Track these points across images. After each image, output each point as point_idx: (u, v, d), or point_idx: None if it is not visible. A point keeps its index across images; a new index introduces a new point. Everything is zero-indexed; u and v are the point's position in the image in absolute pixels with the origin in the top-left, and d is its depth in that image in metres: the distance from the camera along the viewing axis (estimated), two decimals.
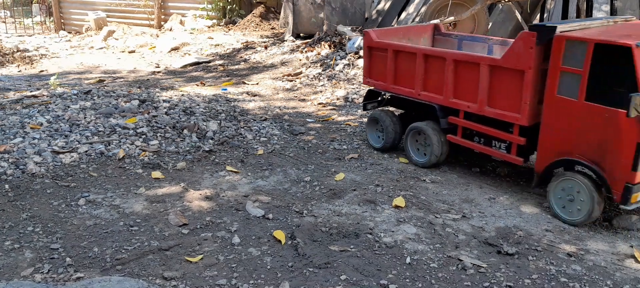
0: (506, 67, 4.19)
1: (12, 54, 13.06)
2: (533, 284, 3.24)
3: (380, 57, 5.25)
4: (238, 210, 4.18)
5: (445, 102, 4.71)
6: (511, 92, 4.20)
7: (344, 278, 3.27)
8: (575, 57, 3.73)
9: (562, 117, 3.89)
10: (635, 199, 3.63)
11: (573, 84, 3.75)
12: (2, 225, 3.88)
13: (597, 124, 3.67)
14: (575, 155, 3.86)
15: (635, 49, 3.44)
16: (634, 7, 10.31)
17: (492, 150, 4.52)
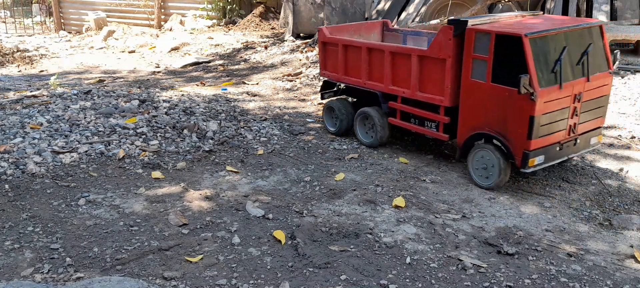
0: (431, 56, 4.82)
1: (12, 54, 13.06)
2: (533, 284, 3.24)
3: (333, 51, 5.84)
4: (238, 210, 4.18)
5: (386, 89, 5.33)
6: (436, 78, 4.83)
7: (344, 278, 3.27)
8: (482, 46, 4.37)
9: (475, 97, 4.52)
10: (532, 163, 4.29)
11: (482, 69, 4.40)
12: (2, 225, 3.88)
13: (501, 102, 4.31)
14: (486, 129, 4.50)
15: (524, 38, 4.08)
16: (634, 6, 10.30)
17: (425, 130, 5.14)
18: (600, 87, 4.54)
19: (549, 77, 4.17)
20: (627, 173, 4.91)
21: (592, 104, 4.53)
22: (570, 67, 4.32)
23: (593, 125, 4.66)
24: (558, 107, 4.26)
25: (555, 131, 4.34)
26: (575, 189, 4.61)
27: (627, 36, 8.85)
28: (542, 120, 4.18)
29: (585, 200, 4.40)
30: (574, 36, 4.39)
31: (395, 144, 5.78)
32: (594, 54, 4.46)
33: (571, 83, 4.29)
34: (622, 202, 4.35)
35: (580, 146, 4.60)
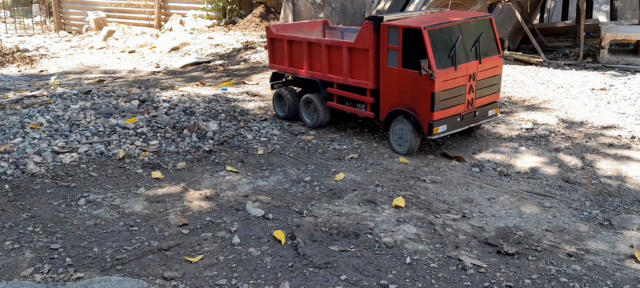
0: (357, 47, 5.56)
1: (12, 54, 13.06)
2: (533, 284, 3.24)
3: (279, 46, 6.52)
4: (238, 210, 4.18)
5: (324, 77, 6.04)
6: (362, 66, 5.58)
7: (344, 278, 3.27)
8: (394, 38, 5.16)
9: (391, 80, 5.33)
10: (436, 131, 5.12)
11: (394, 57, 5.21)
12: (2, 225, 3.88)
13: (410, 83, 5.13)
14: (401, 106, 5.30)
15: (423, 30, 4.90)
16: (634, 6, 10.30)
17: (356, 110, 5.87)
18: (492, 68, 5.42)
19: (445, 60, 5.00)
20: (627, 173, 4.92)
21: (486, 82, 5.41)
22: (465, 53, 5.17)
23: (489, 100, 5.53)
24: (455, 85, 5.10)
25: (455, 105, 5.18)
26: (575, 189, 4.61)
27: (627, 36, 8.85)
28: (442, 96, 5.01)
29: (585, 200, 4.40)
30: (467, 28, 5.23)
31: None
32: (485, 42, 5.32)
33: (465, 65, 5.13)
34: (622, 202, 4.35)
35: (479, 117, 5.49)
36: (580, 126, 6.20)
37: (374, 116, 5.71)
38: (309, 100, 6.27)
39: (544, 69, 8.64)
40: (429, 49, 4.87)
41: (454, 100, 5.14)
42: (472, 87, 5.23)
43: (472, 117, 5.39)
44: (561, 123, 6.32)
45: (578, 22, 9.97)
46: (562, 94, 7.41)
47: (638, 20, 9.93)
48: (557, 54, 9.94)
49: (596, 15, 10.57)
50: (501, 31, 9.98)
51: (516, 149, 5.57)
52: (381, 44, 5.30)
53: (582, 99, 7.18)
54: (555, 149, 5.54)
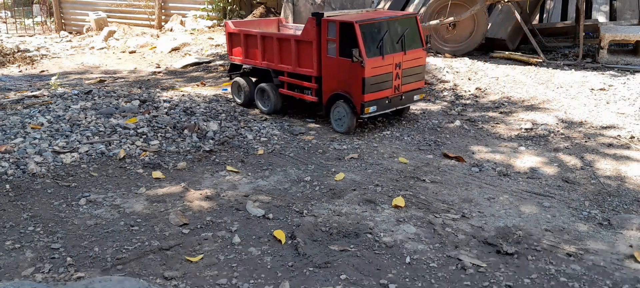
0: (303, 40, 6.23)
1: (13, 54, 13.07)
2: (532, 284, 3.25)
3: (237, 40, 7.20)
4: (238, 210, 4.19)
5: (276, 67, 6.71)
6: (308, 56, 6.24)
7: (344, 277, 3.28)
8: (332, 31, 5.88)
9: (331, 68, 6.05)
10: (367, 111, 5.87)
11: (333, 48, 5.93)
12: (3, 225, 3.89)
13: (346, 70, 5.84)
14: (339, 90, 6.02)
15: (355, 24, 5.63)
16: (633, 7, 10.31)
17: (304, 96, 6.50)
18: (416, 59, 6.22)
19: (375, 50, 5.77)
20: (626, 173, 4.93)
21: (411, 71, 6.19)
22: (391, 44, 5.94)
23: (414, 86, 6.32)
24: (383, 71, 5.88)
25: (384, 89, 5.95)
26: (574, 189, 4.62)
27: (626, 36, 8.86)
28: (371, 81, 5.78)
29: (585, 200, 4.41)
30: (394, 24, 6.00)
31: (395, 143, 5.80)
32: (410, 36, 6.11)
33: (392, 55, 5.91)
34: (621, 202, 4.36)
35: (405, 101, 6.27)
36: (579, 126, 6.21)
37: (317, 100, 6.36)
38: (262, 88, 6.94)
39: (544, 69, 8.65)
40: (360, 41, 5.64)
41: (383, 85, 5.95)
42: (398, 74, 6.06)
43: (399, 100, 6.19)
44: (560, 123, 6.33)
45: (577, 23, 9.98)
46: (562, 94, 7.42)
47: (637, 21, 9.93)
48: (556, 54, 9.95)
49: (595, 16, 10.57)
50: (501, 31, 9.99)
51: (516, 149, 5.58)
52: (322, 36, 6.02)
53: (582, 99, 7.19)
54: (555, 149, 5.55)
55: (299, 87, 6.53)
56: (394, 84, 6.02)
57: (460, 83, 8.14)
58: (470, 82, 8.20)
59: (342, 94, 5.98)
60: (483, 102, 7.38)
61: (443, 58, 9.35)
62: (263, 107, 7.02)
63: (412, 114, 6.91)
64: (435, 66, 8.25)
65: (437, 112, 6.99)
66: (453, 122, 6.54)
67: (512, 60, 9.36)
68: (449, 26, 9.74)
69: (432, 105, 7.36)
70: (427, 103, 7.46)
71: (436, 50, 9.94)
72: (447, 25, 9.73)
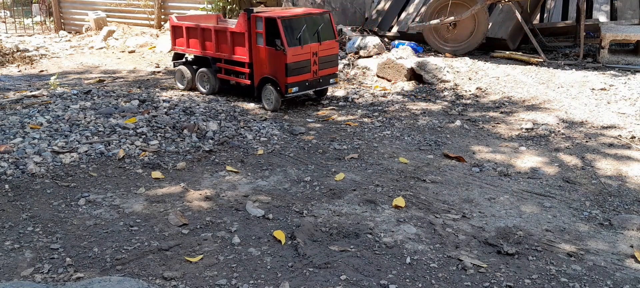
0: (237, 32, 7.38)
1: (12, 54, 13.06)
2: (533, 284, 3.24)
3: (180, 32, 8.33)
4: (238, 210, 4.18)
5: (214, 55, 7.86)
6: (241, 45, 7.41)
7: (344, 278, 3.27)
8: (260, 25, 7.01)
9: (260, 56, 7.18)
10: (290, 91, 6.96)
11: (261, 38, 7.06)
12: (2, 225, 3.88)
13: (272, 57, 6.99)
14: (267, 74, 7.13)
15: (278, 19, 6.73)
16: (634, 6, 10.30)
17: (239, 79, 7.62)
18: (330, 49, 7.34)
19: (295, 41, 6.86)
20: (627, 173, 4.92)
21: (325, 58, 7.30)
22: (309, 36, 7.07)
23: (329, 71, 7.42)
24: (302, 58, 7.00)
25: (303, 73, 7.05)
26: (575, 189, 4.61)
27: (627, 36, 8.84)
28: (293, 66, 6.89)
29: (585, 200, 4.40)
30: (311, 19, 7.15)
31: (395, 143, 5.79)
32: (324, 30, 7.26)
33: (309, 45, 7.02)
34: (622, 202, 4.35)
35: (322, 83, 7.39)
36: (580, 126, 6.20)
37: (250, 83, 7.49)
38: (203, 73, 8.11)
39: (544, 69, 8.64)
40: (282, 33, 6.75)
41: (302, 70, 7.04)
42: (315, 61, 7.18)
43: (318, 82, 7.32)
44: (561, 123, 6.32)
45: (578, 22, 9.97)
46: (562, 94, 7.41)
47: (638, 20, 9.92)
48: (557, 54, 9.94)
49: (596, 15, 10.56)
50: (501, 31, 9.97)
51: (516, 149, 5.57)
52: (252, 29, 7.14)
53: (582, 98, 7.18)
54: (555, 149, 5.54)
55: (235, 72, 7.69)
56: (312, 69, 7.18)
57: (460, 83, 8.13)
58: (471, 81, 8.18)
59: (270, 77, 7.11)
60: (484, 102, 7.37)
61: (443, 58, 9.34)
62: (203, 89, 8.21)
63: (412, 113, 6.90)
64: (435, 66, 8.24)
65: (437, 112, 6.98)
66: (453, 122, 6.53)
67: (513, 60, 9.35)
68: (449, 26, 9.73)
69: (432, 105, 7.35)
70: (428, 103, 7.45)
71: (436, 50, 9.92)
72: (447, 25, 9.72)
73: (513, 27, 9.94)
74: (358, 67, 9.27)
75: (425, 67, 8.27)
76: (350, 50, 9.95)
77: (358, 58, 9.62)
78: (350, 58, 9.68)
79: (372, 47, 9.58)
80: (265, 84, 7.22)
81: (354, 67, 9.32)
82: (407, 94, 7.89)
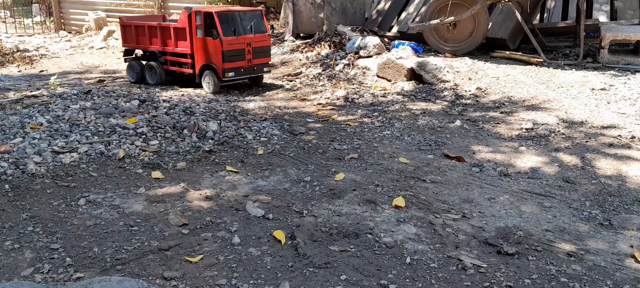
0: (180, 27, 8.65)
1: (12, 54, 13.06)
2: (533, 284, 3.24)
3: (129, 30, 9.56)
4: (238, 210, 4.18)
5: (160, 49, 9.12)
6: (183, 38, 8.67)
7: (344, 278, 3.27)
8: (199, 19, 8.29)
9: (200, 46, 8.42)
10: (227, 76, 8.26)
11: (200, 31, 8.34)
12: (2, 225, 3.88)
13: (211, 47, 8.26)
14: (207, 62, 8.35)
15: (214, 13, 8.06)
16: (634, 6, 10.30)
17: (183, 69, 8.91)
18: (262, 41, 8.68)
19: (230, 32, 8.20)
20: (627, 173, 4.92)
21: (259, 49, 8.63)
22: (244, 29, 8.42)
23: (263, 61, 8.75)
24: (237, 48, 8.31)
25: (239, 60, 8.37)
26: (575, 189, 4.61)
27: (627, 36, 8.84)
28: (228, 53, 8.19)
29: (585, 200, 4.40)
30: (245, 14, 8.53)
31: (395, 143, 5.79)
32: (257, 24, 8.60)
33: (244, 37, 8.38)
34: (622, 202, 4.35)
35: (257, 71, 8.69)
36: (580, 126, 6.20)
37: (192, 72, 8.71)
38: (150, 66, 9.33)
39: (544, 69, 8.64)
40: (218, 24, 8.07)
41: (238, 58, 8.36)
42: (249, 50, 8.49)
43: (252, 69, 8.63)
44: (561, 123, 6.32)
45: (578, 22, 9.97)
46: (562, 94, 7.41)
47: (638, 20, 9.92)
48: (557, 54, 9.94)
49: (596, 15, 10.56)
50: (501, 31, 9.97)
51: (516, 149, 5.57)
52: (192, 23, 8.41)
53: (582, 98, 7.18)
54: (555, 149, 5.54)
55: (179, 63, 8.97)
56: (247, 58, 8.47)
57: (460, 83, 8.13)
58: (471, 81, 8.19)
59: (209, 64, 8.35)
60: (484, 101, 7.37)
61: (443, 58, 9.34)
62: (151, 81, 9.38)
63: (412, 113, 6.91)
64: (435, 66, 8.24)
65: (437, 112, 6.98)
66: (453, 122, 6.53)
67: (513, 60, 9.35)
68: (449, 26, 9.73)
69: (432, 105, 7.35)
70: (428, 103, 7.45)
71: (437, 50, 9.92)
72: (447, 25, 9.72)
73: (513, 27, 9.94)
74: (358, 67, 9.27)
75: (425, 67, 8.27)
76: (350, 50, 9.95)
77: (358, 58, 9.62)
78: (350, 58, 9.67)
79: (372, 47, 9.58)
80: (205, 71, 8.43)
81: (354, 67, 9.32)
82: (407, 94, 7.89)
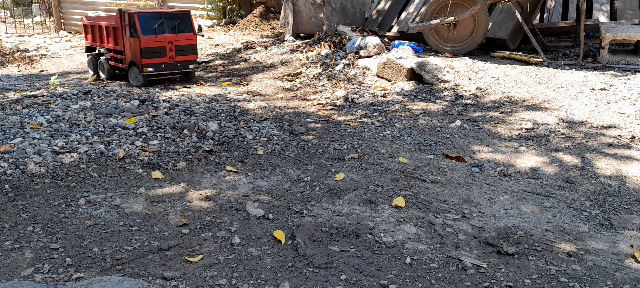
0: (115, 26, 9.52)
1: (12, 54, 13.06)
2: (533, 284, 3.24)
3: (88, 29, 10.64)
4: (238, 210, 4.18)
5: (106, 46, 10.09)
6: (118, 37, 9.53)
7: (344, 278, 3.27)
8: (126, 19, 9.07)
9: (128, 43, 9.28)
10: (146, 70, 9.08)
11: (127, 30, 9.14)
12: (2, 225, 3.88)
13: (134, 45, 9.09)
14: (132, 58, 9.22)
15: (134, 14, 8.93)
16: (634, 7, 10.30)
17: (121, 65, 9.72)
18: (187, 39, 9.43)
19: (150, 31, 9.03)
20: (627, 173, 4.92)
21: (183, 47, 9.42)
22: (166, 28, 9.23)
23: (188, 58, 9.50)
24: (156, 45, 9.11)
25: (159, 57, 9.17)
26: (575, 189, 4.61)
27: (627, 36, 8.85)
28: (147, 50, 9.03)
29: (585, 200, 4.40)
30: (169, 16, 9.35)
31: (395, 143, 5.79)
32: (182, 24, 9.38)
33: (165, 35, 9.17)
34: (622, 202, 4.35)
35: (180, 68, 9.47)
36: (580, 126, 6.20)
37: (125, 67, 9.56)
38: (101, 61, 10.37)
39: (544, 69, 8.64)
40: (137, 24, 8.94)
41: (158, 55, 9.14)
42: (171, 48, 9.24)
43: (175, 66, 9.40)
44: (561, 123, 6.32)
45: (578, 22, 9.97)
46: (562, 94, 7.41)
47: (638, 20, 9.92)
48: (557, 54, 9.94)
49: (596, 15, 10.56)
50: (501, 31, 9.97)
51: (516, 149, 5.57)
52: (122, 22, 9.21)
53: (582, 98, 7.18)
54: (555, 149, 5.54)
55: (119, 59, 9.79)
56: (168, 55, 9.25)
57: (460, 83, 8.13)
58: (471, 81, 8.19)
59: (133, 60, 9.24)
60: (484, 101, 7.37)
61: (443, 58, 9.34)
62: (103, 75, 10.37)
63: (412, 113, 6.91)
64: (435, 66, 8.24)
65: (437, 112, 6.98)
66: (453, 122, 6.53)
67: (513, 60, 9.35)
68: (449, 26, 9.73)
69: (432, 105, 7.35)
70: (428, 103, 7.45)
71: (437, 50, 9.92)
72: (447, 25, 9.72)
73: (513, 27, 9.94)
74: (358, 67, 9.27)
75: (425, 67, 8.27)
76: (350, 50, 9.95)
77: (358, 58, 9.62)
78: (350, 58, 9.68)
79: (372, 47, 9.58)
80: (131, 66, 9.40)
81: (354, 67, 9.32)
82: (407, 94, 7.89)
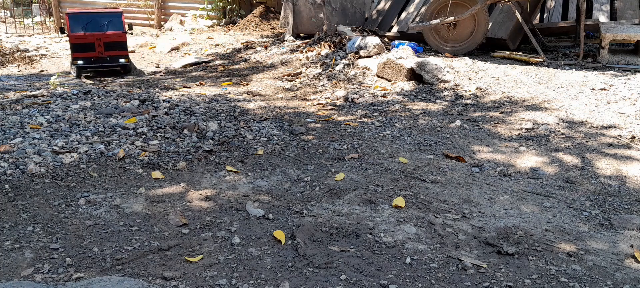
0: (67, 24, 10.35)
1: (12, 54, 13.06)
2: (533, 284, 3.24)
3: None
4: (238, 210, 4.18)
5: None
6: None
7: (344, 278, 3.27)
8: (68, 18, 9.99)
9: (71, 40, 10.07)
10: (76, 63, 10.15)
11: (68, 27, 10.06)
12: (2, 225, 3.88)
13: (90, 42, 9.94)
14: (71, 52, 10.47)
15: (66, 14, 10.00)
16: (634, 6, 10.30)
17: None
18: (116, 36, 10.21)
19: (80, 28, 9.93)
20: (627, 173, 4.92)
21: (112, 44, 10.17)
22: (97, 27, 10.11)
23: (117, 53, 10.24)
24: (86, 42, 10.02)
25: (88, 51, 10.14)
26: (575, 189, 4.61)
27: (627, 36, 8.85)
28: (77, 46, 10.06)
29: (585, 200, 4.40)
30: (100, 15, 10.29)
31: (395, 143, 5.79)
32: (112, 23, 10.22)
33: (93, 33, 10.05)
34: (622, 202, 4.35)
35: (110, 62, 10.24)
36: (580, 126, 6.20)
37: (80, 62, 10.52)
38: None
39: (544, 69, 8.64)
40: (67, 23, 9.99)
41: (87, 49, 10.08)
42: (100, 44, 10.10)
43: (105, 60, 10.22)
44: (561, 123, 6.32)
45: (578, 22, 9.97)
46: (562, 94, 7.41)
47: (638, 20, 9.92)
48: (557, 54, 9.94)
49: (596, 15, 10.56)
50: (501, 31, 9.97)
51: (516, 149, 5.58)
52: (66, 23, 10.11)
53: (582, 98, 7.18)
54: (555, 149, 5.54)
55: None
56: (97, 50, 10.12)
57: (460, 83, 8.13)
58: (471, 81, 8.19)
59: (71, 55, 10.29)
60: (484, 101, 7.37)
61: (443, 58, 9.34)
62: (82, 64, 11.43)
63: (412, 113, 6.91)
64: (435, 66, 8.24)
65: (437, 112, 6.98)
66: (454, 122, 6.53)
67: (513, 60, 9.35)
68: (449, 26, 9.73)
69: (432, 105, 7.35)
70: (428, 103, 7.45)
71: (437, 50, 9.92)
72: (447, 25, 9.72)
73: (513, 27, 9.94)
74: (358, 67, 9.27)
75: (425, 67, 8.27)
76: (350, 50, 9.95)
77: (358, 58, 9.62)
78: (350, 58, 9.68)
79: (372, 47, 9.59)
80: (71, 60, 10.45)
81: (354, 67, 9.32)
82: (407, 94, 7.89)
